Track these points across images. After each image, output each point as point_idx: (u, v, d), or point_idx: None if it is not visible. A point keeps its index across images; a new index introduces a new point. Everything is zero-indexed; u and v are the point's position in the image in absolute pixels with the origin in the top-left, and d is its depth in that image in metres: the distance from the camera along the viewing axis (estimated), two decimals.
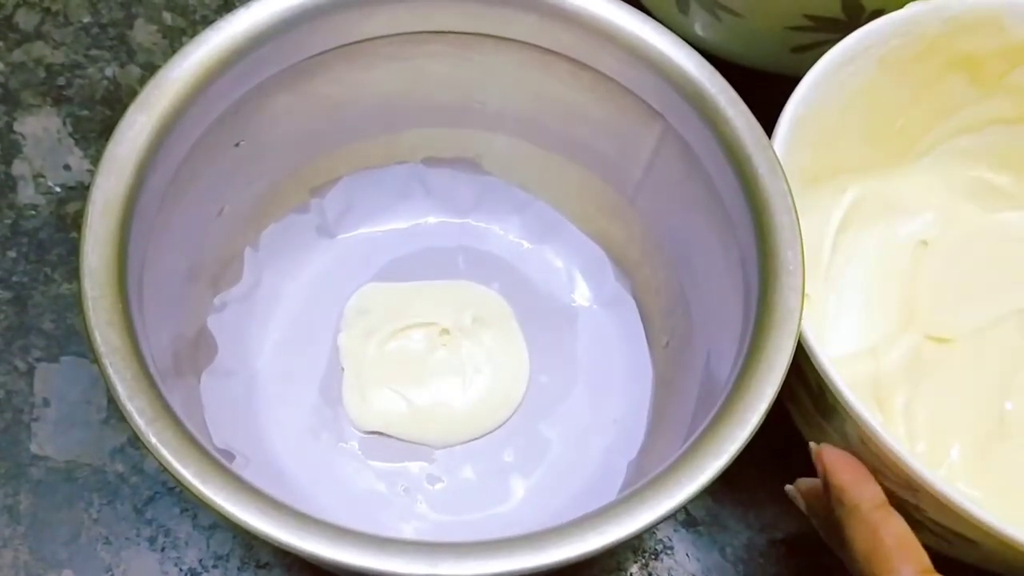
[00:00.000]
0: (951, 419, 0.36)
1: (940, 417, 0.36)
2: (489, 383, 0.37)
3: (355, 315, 0.38)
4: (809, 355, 0.30)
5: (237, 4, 0.46)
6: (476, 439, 0.36)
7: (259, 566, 0.35)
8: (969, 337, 0.38)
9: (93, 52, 0.45)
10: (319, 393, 0.36)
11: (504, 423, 0.37)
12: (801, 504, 0.32)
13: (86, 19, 0.46)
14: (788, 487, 0.32)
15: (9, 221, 0.41)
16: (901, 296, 0.40)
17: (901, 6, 0.35)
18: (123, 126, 0.29)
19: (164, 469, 0.24)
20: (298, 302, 0.38)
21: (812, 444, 0.30)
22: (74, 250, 0.40)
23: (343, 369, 0.37)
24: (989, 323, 0.39)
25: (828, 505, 0.29)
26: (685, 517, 0.37)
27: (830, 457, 0.29)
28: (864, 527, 0.28)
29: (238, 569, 0.35)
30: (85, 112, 0.44)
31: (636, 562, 0.36)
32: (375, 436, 0.36)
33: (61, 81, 0.44)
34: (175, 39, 0.46)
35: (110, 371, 0.25)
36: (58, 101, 0.44)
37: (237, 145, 0.34)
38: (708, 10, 0.39)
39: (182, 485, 0.24)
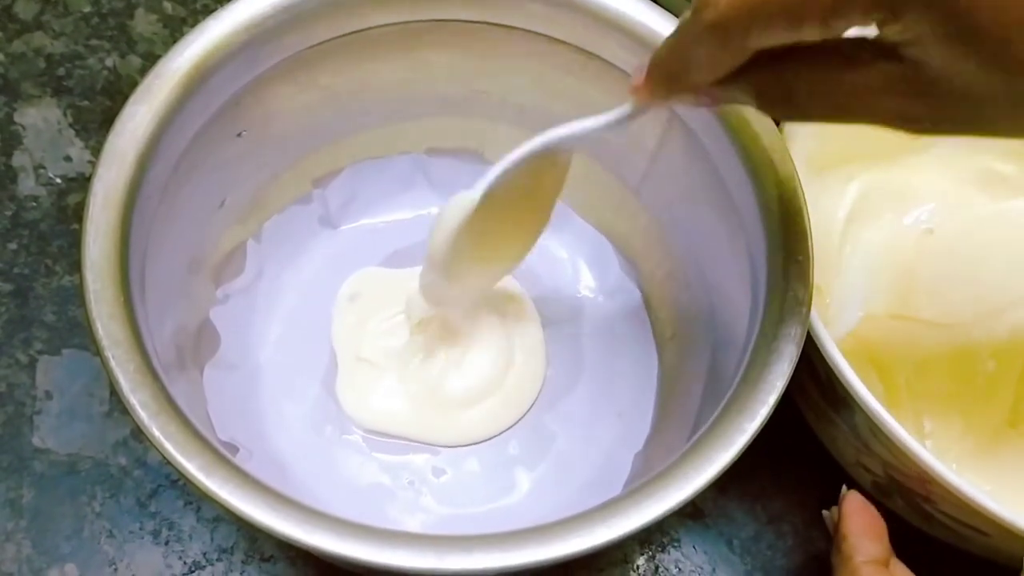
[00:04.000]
0: (958, 409, 0.36)
1: (946, 407, 0.36)
2: (501, 379, 0.36)
3: (345, 302, 0.38)
4: (819, 346, 0.29)
5: None
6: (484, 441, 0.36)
7: (263, 559, 0.35)
8: (974, 325, 0.38)
9: (93, 42, 0.45)
10: (322, 386, 0.36)
11: (515, 424, 0.36)
12: (832, 529, 0.32)
13: (86, 9, 0.46)
14: (824, 512, 0.32)
15: (10, 213, 0.41)
16: (907, 284, 0.39)
17: None
18: (124, 117, 0.29)
19: (168, 463, 0.24)
20: (301, 293, 0.38)
21: (844, 488, 0.31)
22: (75, 242, 0.40)
23: (337, 363, 0.37)
24: (995, 311, 0.39)
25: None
26: (691, 509, 0.37)
27: (850, 503, 0.29)
28: None
29: (242, 562, 0.35)
30: (85, 103, 0.43)
31: (643, 554, 0.36)
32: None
33: (61, 71, 0.44)
34: (176, 29, 0.46)
35: (113, 364, 0.25)
36: (58, 92, 0.44)
37: (239, 136, 0.34)
38: None
39: (186, 479, 0.24)
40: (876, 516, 0.29)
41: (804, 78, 0.22)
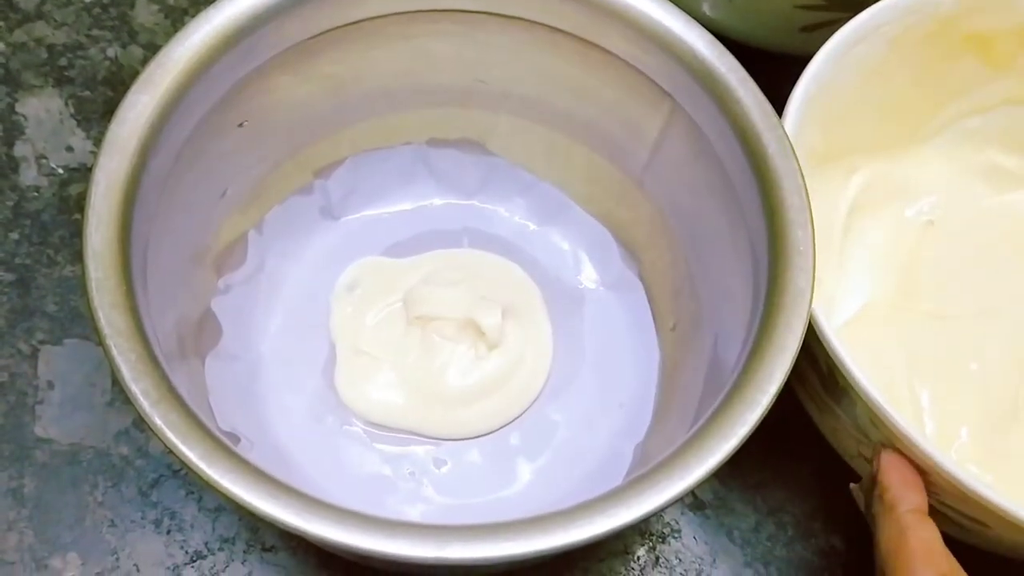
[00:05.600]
0: (959, 401, 0.36)
1: (947, 398, 0.36)
2: (508, 376, 0.36)
3: (344, 292, 0.37)
4: (820, 336, 0.29)
5: None
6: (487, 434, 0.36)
7: (265, 549, 0.35)
8: (976, 317, 0.38)
9: (95, 32, 0.45)
10: (322, 376, 0.36)
11: (518, 416, 0.36)
12: (861, 503, 0.32)
13: None
14: (852, 485, 0.32)
15: (11, 203, 0.41)
16: (907, 276, 0.39)
17: None
18: (125, 106, 0.29)
19: (169, 451, 0.24)
20: (302, 284, 0.38)
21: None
22: (77, 232, 0.40)
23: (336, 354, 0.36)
24: (996, 303, 0.39)
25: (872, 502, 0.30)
26: (692, 500, 0.37)
27: (887, 458, 0.29)
28: (894, 527, 0.28)
29: (244, 552, 0.35)
30: (87, 93, 0.43)
31: (643, 545, 0.36)
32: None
33: (63, 62, 0.44)
34: (177, 19, 0.46)
35: (114, 353, 0.25)
36: (60, 82, 0.44)
37: (240, 125, 0.34)
38: None
39: (188, 468, 0.24)
40: (914, 471, 0.29)
41: None
